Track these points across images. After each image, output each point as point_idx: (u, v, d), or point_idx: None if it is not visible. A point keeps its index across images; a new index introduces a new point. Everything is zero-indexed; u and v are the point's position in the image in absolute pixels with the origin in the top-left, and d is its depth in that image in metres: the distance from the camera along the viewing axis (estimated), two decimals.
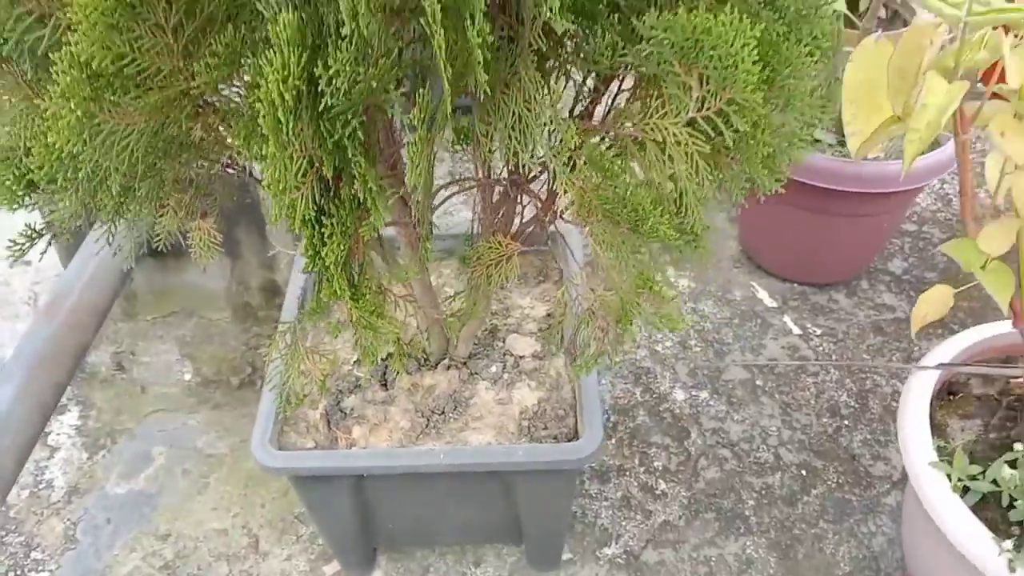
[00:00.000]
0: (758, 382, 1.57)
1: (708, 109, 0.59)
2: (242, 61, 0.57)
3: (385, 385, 1.14)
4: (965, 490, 0.98)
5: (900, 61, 0.85)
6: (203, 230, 0.77)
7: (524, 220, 0.98)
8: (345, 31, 0.51)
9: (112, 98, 0.57)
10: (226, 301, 1.63)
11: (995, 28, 0.79)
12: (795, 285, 1.76)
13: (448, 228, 1.32)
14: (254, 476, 1.41)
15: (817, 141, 1.59)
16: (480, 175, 0.85)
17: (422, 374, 1.15)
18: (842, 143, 1.55)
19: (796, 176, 1.50)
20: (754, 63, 0.54)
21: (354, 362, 1.17)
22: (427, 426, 1.10)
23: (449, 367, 1.16)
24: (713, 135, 0.60)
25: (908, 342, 1.63)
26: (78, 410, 1.54)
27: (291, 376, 0.89)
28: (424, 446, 1.07)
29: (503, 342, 1.21)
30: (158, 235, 0.85)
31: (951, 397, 1.15)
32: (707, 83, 0.58)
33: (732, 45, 0.54)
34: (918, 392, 1.09)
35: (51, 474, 1.44)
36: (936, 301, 0.92)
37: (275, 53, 0.51)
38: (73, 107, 0.54)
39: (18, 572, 1.30)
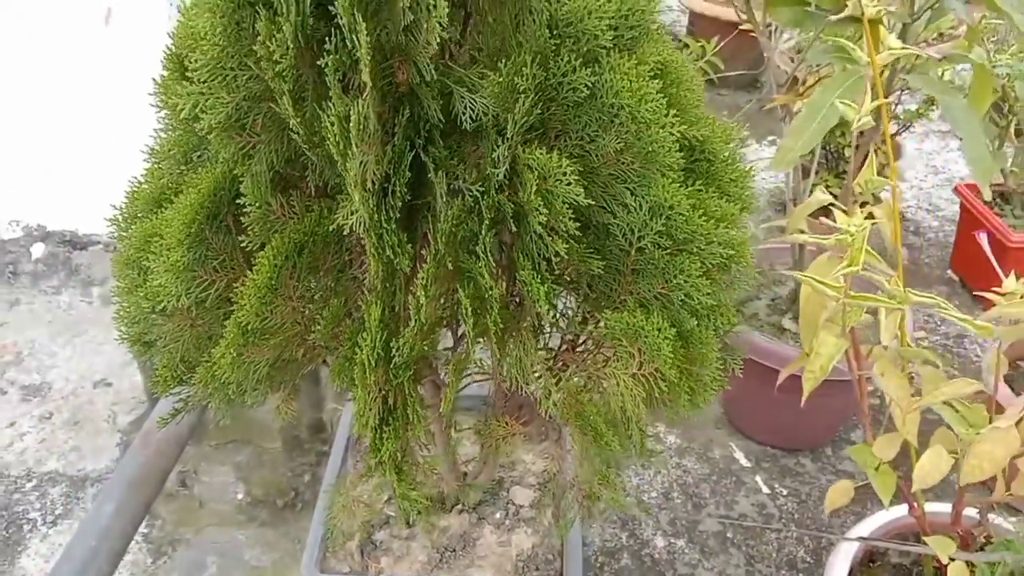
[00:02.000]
0: (728, 534, 1.81)
1: (644, 370, 0.88)
2: (342, 325, 0.88)
3: (408, 523, 1.41)
4: None
5: (807, 310, 1.16)
6: (287, 408, 1.07)
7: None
8: (412, 320, 0.82)
9: (255, 342, 0.88)
10: (279, 433, 1.92)
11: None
12: (768, 448, 2.02)
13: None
14: None
15: (785, 330, 1.88)
16: (495, 377, 1.14)
17: (439, 516, 1.42)
18: None
19: (766, 362, 1.78)
20: (671, 349, 0.84)
21: (385, 501, 1.45)
22: (440, 561, 1.36)
23: (461, 511, 1.43)
24: (649, 384, 0.90)
25: (863, 506, 1.87)
26: (146, 520, 1.81)
27: (339, 519, 1.17)
28: None
29: (507, 492, 1.48)
30: None
31: (871, 564, 1.39)
32: (644, 354, 0.88)
33: (656, 339, 0.84)
34: (843, 558, 1.34)
35: (120, 575, 1.70)
36: (841, 491, 1.19)
37: (367, 332, 0.82)
38: (234, 353, 0.85)
39: None
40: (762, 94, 1.83)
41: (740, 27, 1.71)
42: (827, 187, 2.37)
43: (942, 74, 2.19)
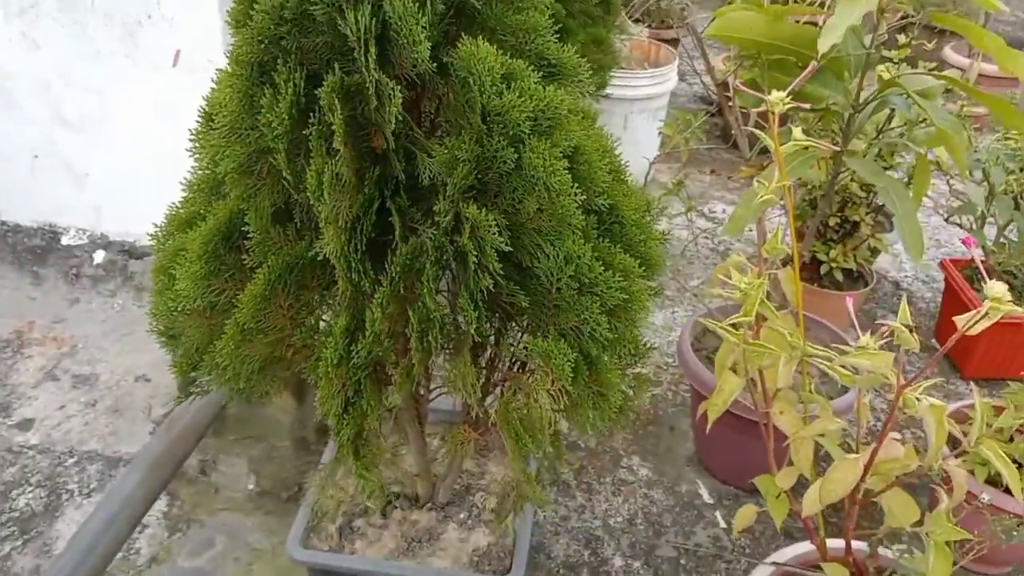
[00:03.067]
0: (682, 561, 1.99)
1: (554, 387, 1.10)
2: (318, 331, 1.11)
3: (384, 515, 1.63)
4: None
5: (721, 354, 1.35)
6: (283, 398, 1.30)
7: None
8: (368, 330, 1.05)
9: (251, 340, 1.12)
10: (288, 433, 2.16)
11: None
12: (732, 488, 2.19)
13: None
14: (285, 569, 1.89)
15: None
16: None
17: (411, 511, 1.64)
18: None
19: (732, 409, 1.96)
20: (572, 371, 1.06)
21: (367, 496, 1.67)
22: (407, 549, 1.58)
23: (431, 509, 1.65)
24: (559, 398, 1.11)
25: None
26: (167, 499, 2.06)
27: (321, 500, 1.39)
28: (402, 562, 1.55)
29: (473, 496, 1.69)
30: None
31: None
32: (554, 373, 1.09)
33: (561, 362, 1.06)
34: None
35: (139, 544, 1.95)
36: (746, 514, 1.38)
37: (332, 337, 1.05)
38: (233, 346, 1.09)
39: None
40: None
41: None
42: (815, 252, 2.56)
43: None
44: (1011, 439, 1.80)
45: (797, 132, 1.27)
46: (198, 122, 1.11)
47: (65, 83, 2.46)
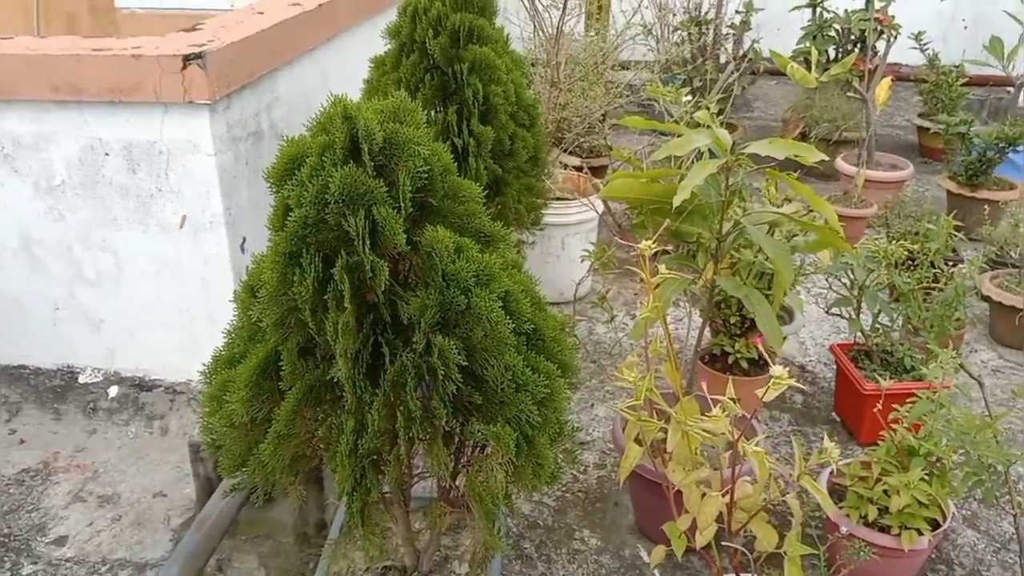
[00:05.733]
0: None
1: (503, 460, 1.55)
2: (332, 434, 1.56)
3: None
4: None
5: (629, 430, 1.82)
6: (298, 491, 1.73)
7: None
8: (369, 429, 1.50)
9: (283, 442, 1.56)
10: (292, 530, 2.55)
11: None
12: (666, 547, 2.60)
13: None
14: None
15: None
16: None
17: None
18: None
19: (650, 476, 2.41)
20: (515, 448, 1.52)
21: (364, 570, 2.07)
22: None
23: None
24: (509, 469, 1.56)
25: None
26: None
27: (331, 567, 1.80)
28: None
29: (451, 564, 2.10)
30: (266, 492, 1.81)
31: None
32: (502, 450, 1.55)
33: (507, 441, 1.52)
34: None
35: None
36: (658, 552, 1.81)
37: (344, 435, 1.50)
38: (272, 448, 1.53)
39: None
40: None
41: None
42: (722, 345, 3.07)
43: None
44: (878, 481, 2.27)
45: (663, 268, 1.78)
46: (238, 289, 1.58)
47: (85, 246, 2.92)
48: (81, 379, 3.15)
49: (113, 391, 3.12)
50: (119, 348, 3.10)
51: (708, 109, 3.05)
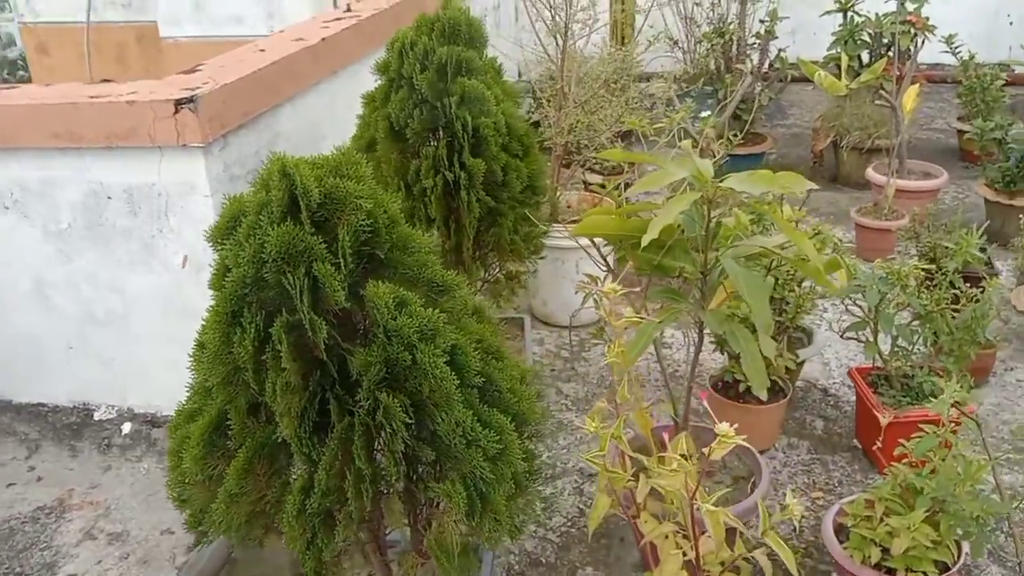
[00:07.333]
0: None
1: (456, 516, 1.51)
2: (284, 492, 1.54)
3: None
4: None
5: (598, 484, 1.76)
6: (272, 541, 1.72)
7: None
8: (317, 488, 1.48)
9: (237, 501, 1.55)
10: (290, 569, 2.54)
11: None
12: None
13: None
14: None
15: None
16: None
17: None
18: None
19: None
20: (467, 505, 1.48)
21: None
22: None
23: None
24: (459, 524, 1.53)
25: None
26: None
27: None
28: None
29: None
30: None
31: None
32: (455, 506, 1.51)
33: (458, 499, 1.48)
34: None
35: None
36: None
37: (292, 495, 1.48)
38: (224, 507, 1.52)
39: None
40: None
41: None
42: (732, 372, 2.98)
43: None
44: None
45: (629, 310, 1.73)
46: (193, 348, 1.58)
47: (93, 287, 2.97)
48: (96, 416, 3.21)
49: (126, 427, 3.17)
50: (131, 385, 3.15)
51: (713, 128, 2.97)
